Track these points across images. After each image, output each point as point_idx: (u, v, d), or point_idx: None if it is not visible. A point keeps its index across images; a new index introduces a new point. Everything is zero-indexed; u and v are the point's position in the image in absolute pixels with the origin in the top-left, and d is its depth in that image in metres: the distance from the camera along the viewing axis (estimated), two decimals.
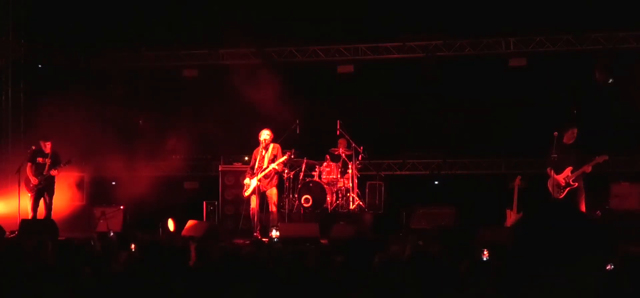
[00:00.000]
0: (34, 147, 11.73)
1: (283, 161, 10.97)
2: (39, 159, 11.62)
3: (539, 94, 13.26)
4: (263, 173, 10.80)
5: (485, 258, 7.90)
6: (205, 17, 13.96)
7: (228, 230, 12.35)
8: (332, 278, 4.94)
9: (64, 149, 11.99)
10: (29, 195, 11.62)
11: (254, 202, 10.94)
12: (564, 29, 13.19)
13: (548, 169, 10.21)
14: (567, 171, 10.04)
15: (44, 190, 11.61)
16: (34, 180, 11.51)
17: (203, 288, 4.37)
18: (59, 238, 10.50)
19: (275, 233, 10.17)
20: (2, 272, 5.16)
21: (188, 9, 13.89)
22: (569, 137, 10.11)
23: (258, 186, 10.86)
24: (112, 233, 9.91)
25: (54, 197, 11.90)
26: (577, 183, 10.02)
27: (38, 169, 11.59)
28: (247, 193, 11.06)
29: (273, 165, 10.81)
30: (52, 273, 5.04)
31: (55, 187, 11.78)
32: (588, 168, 10.02)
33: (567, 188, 10.04)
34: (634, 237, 9.51)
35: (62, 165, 11.55)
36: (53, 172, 11.53)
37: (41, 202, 11.68)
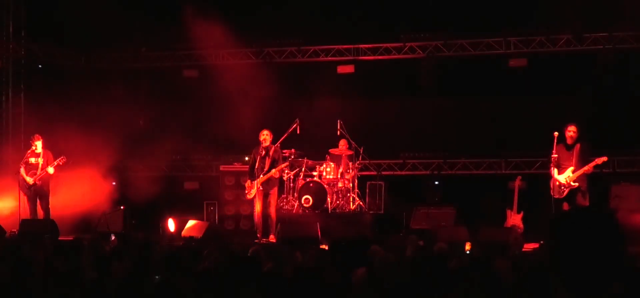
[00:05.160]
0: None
1: (282, 168, 10.99)
2: (32, 159, 11.57)
3: (539, 94, 13.26)
4: (263, 178, 10.82)
5: (468, 251, 7.91)
6: (205, 16, 13.95)
7: (228, 231, 12.36)
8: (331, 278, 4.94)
9: (64, 149, 11.99)
10: (26, 197, 11.57)
11: (258, 206, 10.95)
12: (564, 29, 13.19)
13: (550, 168, 10.20)
14: (569, 171, 10.03)
15: (39, 191, 11.55)
16: (28, 181, 11.44)
17: (206, 289, 4.38)
18: (59, 238, 10.53)
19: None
20: (2, 272, 5.15)
21: (188, 9, 13.88)
22: (569, 136, 10.09)
23: (260, 189, 10.88)
24: (113, 236, 9.91)
25: (56, 197, 11.89)
26: (577, 184, 10.00)
27: (31, 169, 11.54)
28: (250, 196, 11.08)
29: (271, 173, 10.81)
30: (53, 273, 5.04)
31: (50, 186, 11.73)
32: (588, 169, 10.00)
33: (568, 189, 10.02)
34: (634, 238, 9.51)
35: (55, 164, 11.50)
36: (46, 171, 11.46)
37: (39, 202, 11.63)
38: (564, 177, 10.01)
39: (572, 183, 9.99)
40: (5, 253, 6.35)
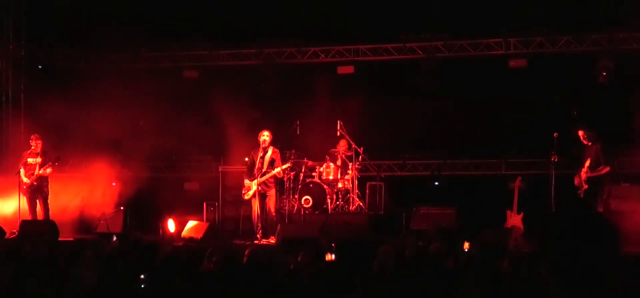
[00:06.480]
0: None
1: (284, 169, 10.98)
2: (30, 160, 11.56)
3: (539, 95, 13.26)
4: (263, 178, 10.81)
5: (466, 250, 7.91)
6: (205, 17, 13.97)
7: (228, 231, 12.36)
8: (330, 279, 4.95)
9: (64, 149, 11.97)
10: (26, 197, 11.56)
11: (255, 205, 10.94)
12: (564, 29, 13.20)
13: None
14: (582, 172, 10.15)
15: (37, 191, 11.54)
16: (26, 181, 11.43)
17: (205, 290, 4.38)
18: (59, 239, 10.53)
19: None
20: (2, 273, 5.15)
21: (188, 9, 13.90)
22: (580, 137, 10.23)
23: (258, 189, 10.87)
24: (115, 238, 9.90)
25: (56, 198, 11.88)
26: (586, 186, 10.06)
27: (30, 169, 11.53)
28: (247, 197, 11.07)
29: (274, 172, 10.81)
30: (53, 274, 5.05)
31: (50, 186, 11.71)
32: (587, 175, 10.10)
33: (582, 189, 10.12)
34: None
35: (51, 164, 11.48)
36: (44, 171, 11.45)
37: (38, 203, 11.62)
38: (579, 177, 10.14)
39: (583, 185, 10.08)
40: (5, 254, 6.34)
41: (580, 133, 10.20)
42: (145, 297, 4.31)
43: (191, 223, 11.19)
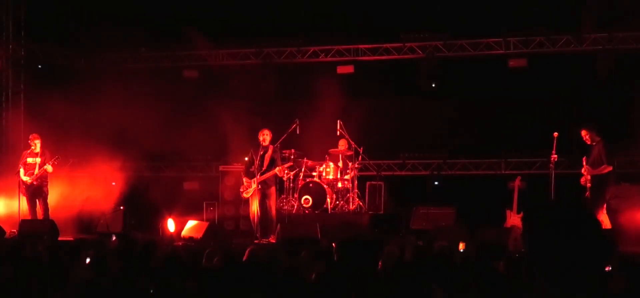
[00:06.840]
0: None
1: (285, 167, 10.98)
2: (30, 159, 11.56)
3: (539, 94, 13.27)
4: (263, 177, 10.81)
5: (462, 250, 7.91)
6: (205, 17, 13.98)
7: (228, 231, 12.36)
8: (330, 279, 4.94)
9: (64, 149, 11.97)
10: (25, 197, 11.55)
11: (255, 205, 10.93)
12: (564, 29, 13.20)
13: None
14: (583, 171, 10.19)
15: (37, 191, 11.53)
16: (26, 180, 11.42)
17: (205, 289, 4.38)
18: (59, 238, 10.54)
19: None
20: (2, 273, 5.16)
21: (188, 9, 13.90)
22: (583, 137, 10.26)
23: (258, 188, 10.87)
24: (114, 237, 9.89)
25: (55, 197, 11.87)
26: (589, 185, 10.08)
27: (30, 169, 11.52)
28: (247, 195, 11.06)
29: (275, 171, 10.81)
30: (52, 274, 5.05)
31: (49, 186, 11.71)
32: (590, 174, 10.12)
33: (587, 189, 10.16)
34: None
35: (51, 163, 11.47)
36: (44, 170, 11.44)
37: (38, 202, 11.61)
38: (584, 178, 10.17)
39: (588, 183, 10.11)
40: (5, 254, 6.34)
41: (583, 133, 10.19)
42: (145, 297, 4.32)
43: (191, 223, 11.19)
